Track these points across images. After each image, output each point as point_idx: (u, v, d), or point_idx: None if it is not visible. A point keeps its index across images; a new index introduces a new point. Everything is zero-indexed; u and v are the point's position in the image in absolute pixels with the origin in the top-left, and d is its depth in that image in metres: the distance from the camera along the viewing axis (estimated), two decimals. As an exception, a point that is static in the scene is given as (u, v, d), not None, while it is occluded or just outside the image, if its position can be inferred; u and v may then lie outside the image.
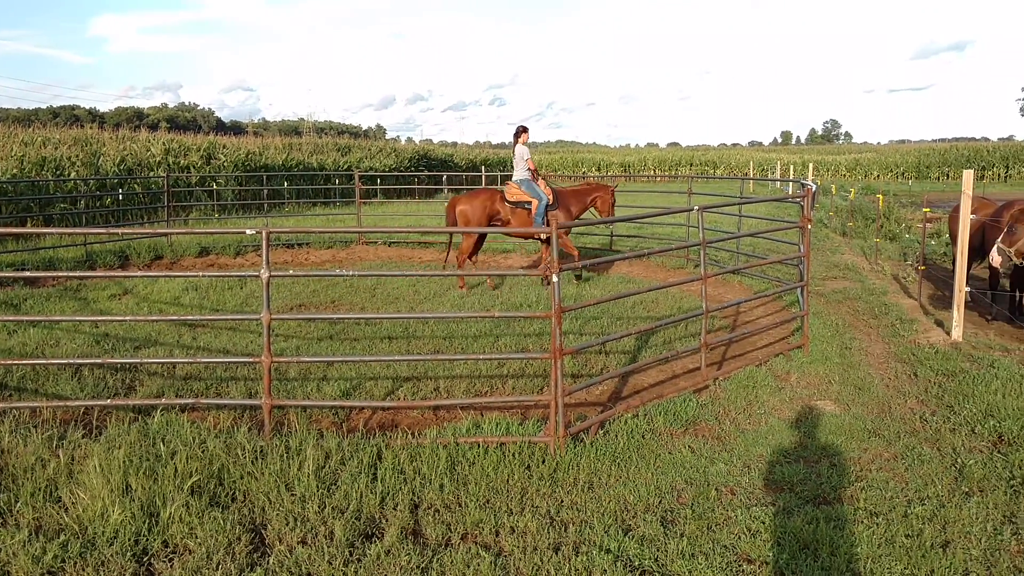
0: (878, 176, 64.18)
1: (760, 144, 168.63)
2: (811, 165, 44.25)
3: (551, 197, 12.20)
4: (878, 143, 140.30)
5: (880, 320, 10.00)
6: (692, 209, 7.55)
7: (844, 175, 65.64)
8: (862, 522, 4.66)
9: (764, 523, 4.63)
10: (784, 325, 9.28)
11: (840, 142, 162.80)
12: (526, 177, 12.19)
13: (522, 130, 12.38)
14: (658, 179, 58.56)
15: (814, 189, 12.51)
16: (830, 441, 5.97)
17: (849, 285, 12.40)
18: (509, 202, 12.24)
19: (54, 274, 6.21)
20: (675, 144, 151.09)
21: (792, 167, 49.94)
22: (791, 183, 17.30)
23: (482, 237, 13.15)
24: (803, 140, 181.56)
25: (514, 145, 12.43)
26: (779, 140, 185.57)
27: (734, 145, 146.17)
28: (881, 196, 20.42)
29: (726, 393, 6.98)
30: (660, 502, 4.95)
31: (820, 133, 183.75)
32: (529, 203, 12.12)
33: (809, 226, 8.58)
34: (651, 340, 8.76)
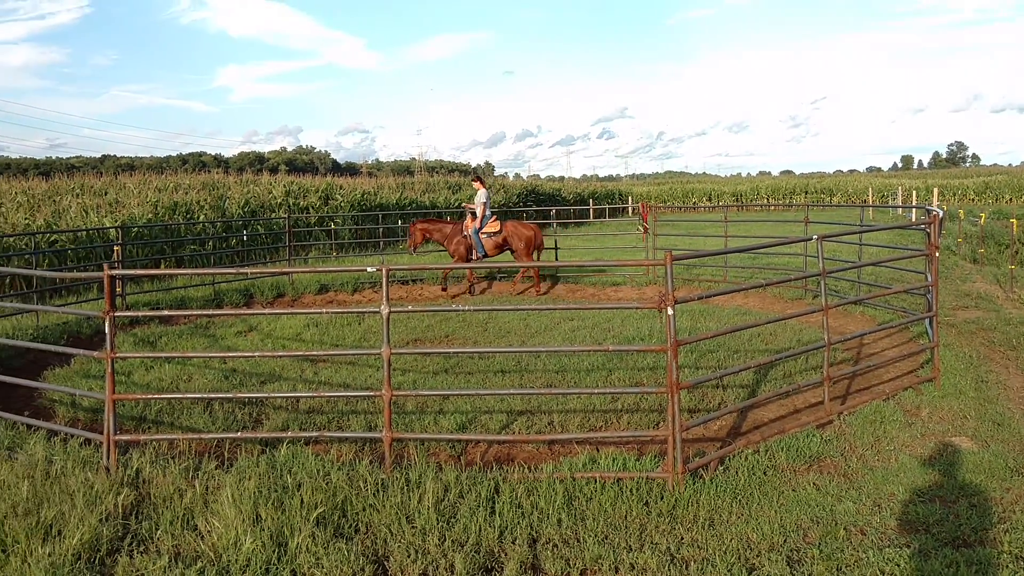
0: (1010, 200, 60.76)
1: (879, 170, 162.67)
2: (935, 190, 42.47)
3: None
4: (1009, 165, 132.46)
5: (1019, 352, 9.42)
6: (811, 239, 7.34)
7: (972, 199, 62.51)
8: (1007, 566, 4.37)
9: (899, 565, 4.40)
10: (912, 357, 8.86)
11: (967, 165, 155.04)
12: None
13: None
14: (771, 208, 57.23)
15: (941, 215, 11.98)
16: (968, 479, 5.64)
17: (982, 315, 11.74)
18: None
19: (185, 312, 6.55)
20: (788, 172, 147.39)
21: (915, 192, 48.01)
22: (914, 209, 16.58)
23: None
24: (925, 164, 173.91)
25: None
26: (899, 165, 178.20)
27: (851, 171, 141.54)
28: (1015, 220, 19.33)
29: (852, 428, 6.70)
30: (785, 541, 4.78)
31: (944, 156, 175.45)
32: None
33: (937, 253, 8.21)
34: (770, 374, 8.52)
